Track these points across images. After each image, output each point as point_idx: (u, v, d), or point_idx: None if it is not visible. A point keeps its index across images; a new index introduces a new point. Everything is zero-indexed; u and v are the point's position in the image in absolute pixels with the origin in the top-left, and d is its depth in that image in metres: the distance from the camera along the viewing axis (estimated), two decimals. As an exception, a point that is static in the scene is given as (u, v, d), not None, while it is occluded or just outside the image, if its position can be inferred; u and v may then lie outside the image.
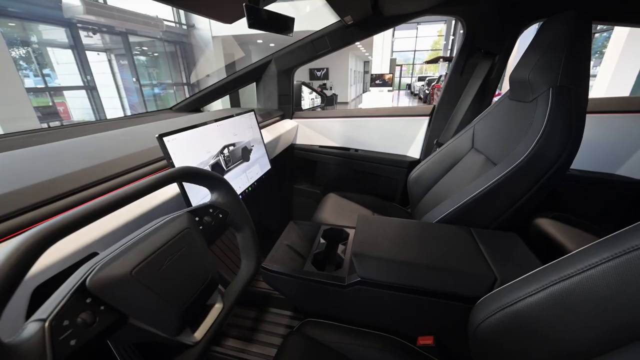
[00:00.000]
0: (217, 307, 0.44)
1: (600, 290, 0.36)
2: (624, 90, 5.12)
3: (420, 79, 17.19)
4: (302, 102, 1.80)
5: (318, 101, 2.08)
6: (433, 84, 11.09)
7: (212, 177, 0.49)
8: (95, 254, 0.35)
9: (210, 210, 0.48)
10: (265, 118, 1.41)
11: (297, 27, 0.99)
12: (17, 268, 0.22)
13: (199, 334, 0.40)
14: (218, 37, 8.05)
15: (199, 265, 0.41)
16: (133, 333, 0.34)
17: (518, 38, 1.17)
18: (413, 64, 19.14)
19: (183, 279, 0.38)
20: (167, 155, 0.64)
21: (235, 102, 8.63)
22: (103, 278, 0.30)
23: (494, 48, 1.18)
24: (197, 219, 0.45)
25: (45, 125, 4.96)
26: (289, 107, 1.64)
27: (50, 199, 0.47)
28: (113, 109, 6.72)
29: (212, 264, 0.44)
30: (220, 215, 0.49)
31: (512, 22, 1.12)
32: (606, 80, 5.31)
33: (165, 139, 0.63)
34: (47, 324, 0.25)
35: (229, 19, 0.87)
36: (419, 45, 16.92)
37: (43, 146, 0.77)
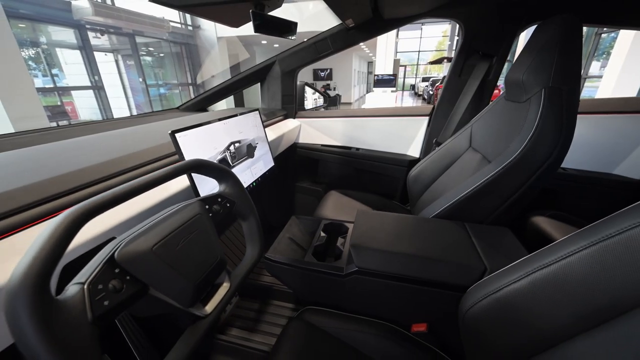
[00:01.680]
0: (225, 286, 0.49)
1: (577, 275, 0.39)
2: (630, 91, 5.07)
3: (424, 79, 17.14)
4: (305, 102, 1.85)
5: (321, 101, 2.12)
6: (437, 84, 11.08)
7: (220, 170, 0.53)
8: (113, 239, 0.40)
9: (219, 200, 0.53)
10: (269, 117, 1.46)
11: (300, 29, 1.03)
12: (66, 233, 0.28)
13: (209, 307, 0.44)
14: (223, 38, 8.14)
15: (209, 247, 0.46)
16: (152, 303, 0.38)
17: (515, 40, 1.20)
18: (417, 64, 19.08)
19: (195, 258, 0.43)
20: (178, 150, 0.69)
21: (239, 103, 8.71)
22: (129, 252, 0.35)
23: (491, 50, 1.21)
24: (207, 207, 0.50)
25: (54, 124, 5.07)
26: (292, 107, 1.69)
27: (77, 187, 0.53)
28: (119, 109, 6.84)
29: (221, 247, 0.48)
30: (228, 205, 0.54)
31: (509, 25, 1.15)
32: (612, 81, 5.26)
33: (177, 135, 0.68)
34: (85, 286, 0.30)
35: (235, 23, 0.92)
36: (424, 46, 16.88)
37: (63, 142, 0.82)
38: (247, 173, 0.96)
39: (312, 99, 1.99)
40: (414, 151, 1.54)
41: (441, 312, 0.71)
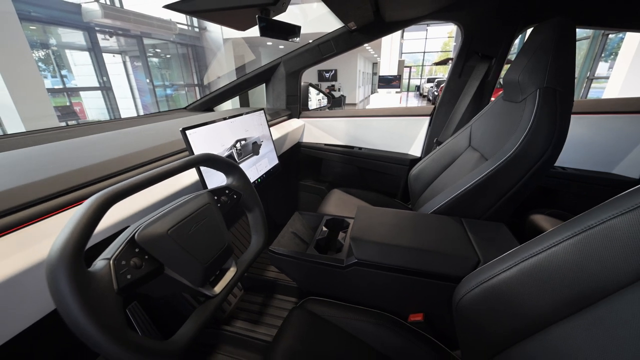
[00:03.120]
0: (232, 270, 0.53)
1: (561, 264, 0.41)
2: (637, 92, 5.01)
3: (430, 80, 17.11)
4: (310, 103, 1.89)
5: (324, 102, 2.16)
6: (441, 85, 11.06)
7: (228, 164, 0.58)
8: (127, 228, 0.44)
9: (227, 192, 0.57)
10: (273, 117, 1.50)
11: (305, 30, 1.07)
12: (95, 214, 0.32)
13: (217, 288, 0.49)
14: (229, 39, 8.22)
15: (217, 234, 0.50)
16: (167, 282, 0.42)
17: (513, 42, 1.22)
18: (422, 65, 19.05)
19: (206, 242, 0.47)
20: (188, 146, 0.73)
21: (244, 103, 8.80)
22: (147, 234, 0.40)
23: (490, 51, 1.23)
24: (215, 197, 0.54)
25: (63, 124, 5.19)
26: (296, 107, 1.73)
27: (97, 179, 0.58)
28: (127, 109, 6.95)
29: (228, 235, 0.52)
30: (235, 197, 0.58)
31: (507, 27, 1.18)
32: (619, 82, 5.19)
33: (187, 132, 0.73)
34: (111, 261, 0.35)
35: (242, 27, 0.96)
36: (429, 47, 16.86)
37: (80, 139, 0.87)
38: (253, 169, 1.00)
39: (316, 99, 2.03)
40: (416, 150, 1.57)
41: (437, 302, 0.74)
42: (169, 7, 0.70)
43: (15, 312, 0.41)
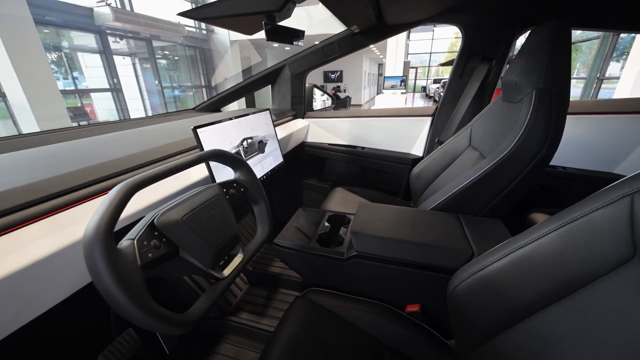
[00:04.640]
0: (239, 256, 0.58)
1: (547, 254, 0.44)
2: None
3: (436, 81, 17.01)
4: (314, 103, 1.93)
5: (329, 102, 2.20)
6: (447, 86, 10.99)
7: (236, 159, 0.63)
8: (142, 218, 0.49)
9: (234, 185, 0.62)
10: (279, 117, 1.55)
11: (310, 32, 1.11)
12: (122, 199, 0.37)
13: (226, 272, 0.53)
14: (236, 41, 8.33)
15: (226, 222, 0.55)
16: (181, 263, 0.47)
17: (513, 44, 1.25)
18: (429, 66, 18.96)
19: (216, 229, 0.52)
20: (199, 144, 0.78)
21: (250, 104, 8.90)
22: (165, 219, 0.45)
23: (490, 53, 1.26)
24: (224, 190, 0.59)
25: (75, 124, 5.34)
26: (301, 107, 1.77)
27: (118, 172, 0.63)
28: (136, 110, 7.10)
29: (236, 224, 0.57)
30: (242, 190, 0.63)
31: (507, 29, 1.21)
32: (630, 82, 5.09)
33: (198, 130, 0.78)
34: (135, 241, 0.40)
35: (249, 31, 1.01)
36: (436, 47, 16.77)
37: (96, 137, 0.93)
38: (258, 167, 1.05)
39: (320, 100, 2.08)
40: (418, 150, 1.60)
41: (433, 294, 0.78)
42: (182, 14, 0.75)
43: (52, 285, 0.46)
